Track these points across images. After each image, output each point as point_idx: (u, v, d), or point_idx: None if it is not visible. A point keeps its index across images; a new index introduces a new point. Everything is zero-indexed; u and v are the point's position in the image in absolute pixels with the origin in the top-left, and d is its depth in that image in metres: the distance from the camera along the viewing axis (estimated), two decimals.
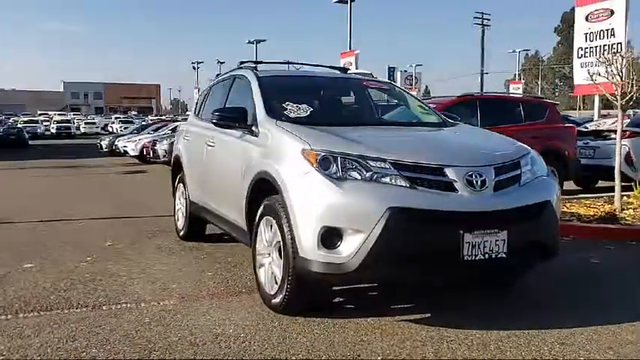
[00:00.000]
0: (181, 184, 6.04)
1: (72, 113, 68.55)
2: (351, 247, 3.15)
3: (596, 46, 12.31)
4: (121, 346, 3.14)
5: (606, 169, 9.76)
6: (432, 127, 4.57)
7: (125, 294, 4.14)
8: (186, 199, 5.81)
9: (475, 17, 51.00)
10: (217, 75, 6.16)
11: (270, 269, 3.72)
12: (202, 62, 70.60)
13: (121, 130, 35.85)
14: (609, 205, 7.30)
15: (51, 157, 21.77)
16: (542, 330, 3.33)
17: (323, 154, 3.37)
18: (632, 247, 5.70)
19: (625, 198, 7.43)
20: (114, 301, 3.98)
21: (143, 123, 33.67)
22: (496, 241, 3.26)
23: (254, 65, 5.06)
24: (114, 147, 22.13)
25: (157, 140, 17.21)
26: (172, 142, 15.09)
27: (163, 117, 50.72)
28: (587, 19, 12.46)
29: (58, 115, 59.08)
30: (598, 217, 6.79)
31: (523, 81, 54.66)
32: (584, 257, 5.13)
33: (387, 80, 5.55)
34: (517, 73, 75.90)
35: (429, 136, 4.31)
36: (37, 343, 3.17)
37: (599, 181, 10.39)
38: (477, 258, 3.22)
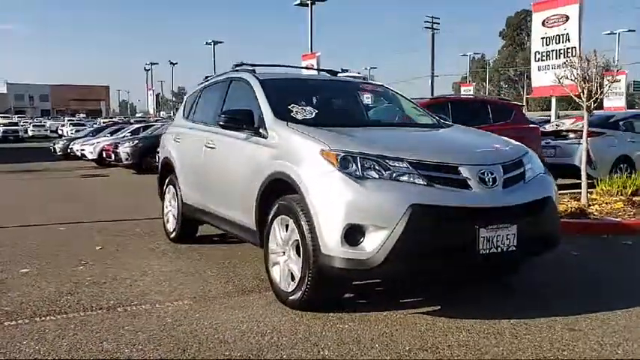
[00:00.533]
0: (172, 187, 6.04)
1: (16, 116, 66.09)
2: (374, 243, 3.29)
3: (552, 50, 12.86)
4: (151, 345, 3.18)
5: (567, 167, 10.31)
6: (431, 127, 4.77)
7: (135, 295, 4.16)
8: (178, 201, 5.82)
9: (425, 21, 52.12)
10: (206, 78, 6.18)
11: (287, 267, 3.82)
12: (157, 64, 69.16)
13: (72, 134, 34.88)
14: (576, 202, 7.69)
15: (2, 161, 21.01)
16: (550, 318, 3.55)
17: (343, 154, 3.50)
18: (607, 240, 6.06)
19: (588, 195, 7.84)
20: (126, 302, 3.99)
21: (96, 125, 32.90)
22: (507, 235, 3.47)
23: (252, 68, 5.13)
24: (69, 150, 21.55)
25: (118, 143, 16.82)
26: (135, 145, 15.05)
27: (115, 119, 49.58)
28: (543, 24, 12.99)
29: (1, 117, 56.96)
30: (569, 213, 7.15)
31: (473, 84, 56.09)
32: (566, 250, 5.43)
33: (379, 83, 5.69)
34: (467, 75, 77.91)
35: (437, 136, 4.51)
36: (66, 346, 3.18)
37: (558, 179, 10.88)
38: (490, 251, 3.42)
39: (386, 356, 3.00)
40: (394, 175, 3.41)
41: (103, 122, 39.55)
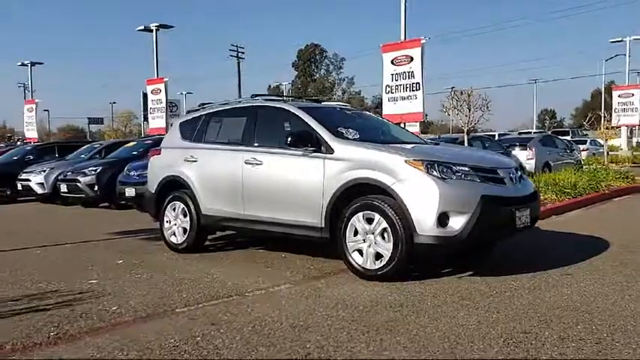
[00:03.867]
0: (179, 202, 6.65)
1: None
2: (459, 224, 4.71)
3: (400, 85, 15.39)
4: (303, 316, 4.15)
5: None
6: (431, 143, 6.33)
7: (233, 288, 4.92)
8: (192, 214, 6.48)
9: (231, 49, 54.13)
10: (202, 105, 6.95)
11: (373, 250, 5.00)
12: None
13: None
14: None
15: None
16: (545, 271, 5.25)
17: (427, 162, 4.86)
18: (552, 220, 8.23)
19: None
20: (236, 292, 4.76)
21: None
22: (525, 215, 5.17)
23: (279, 98, 6.19)
24: None
25: (78, 170, 12.94)
26: (100, 173, 12.35)
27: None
28: (392, 62, 15.49)
29: None
30: None
31: None
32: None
33: (361, 110, 7.09)
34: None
35: (463, 149, 6.06)
36: (219, 339, 3.84)
37: None
38: (520, 225, 5.08)
39: (451, 302, 4.35)
40: (462, 176, 4.89)
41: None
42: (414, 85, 15.07)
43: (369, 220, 5.05)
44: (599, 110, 25.04)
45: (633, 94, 26.56)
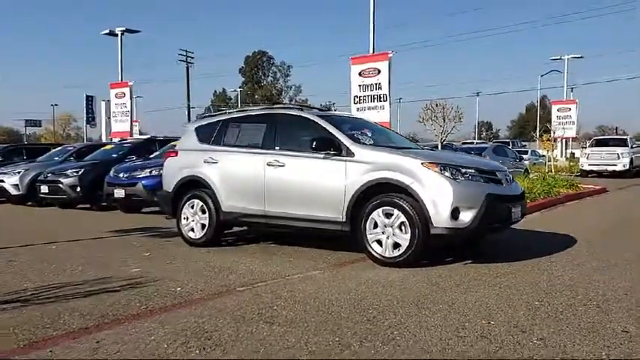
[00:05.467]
0: (197, 200, 7.22)
1: None
2: (468, 217, 5.56)
3: (367, 95, 16.31)
4: (352, 292, 4.89)
5: None
6: (433, 149, 7.17)
7: (268, 274, 5.57)
8: (211, 211, 7.07)
9: (180, 54, 54.02)
10: (219, 110, 7.55)
11: (392, 241, 5.77)
12: None
13: None
14: None
15: None
16: (532, 259, 6.17)
17: (441, 164, 5.68)
18: None
19: None
20: (270, 278, 5.40)
21: None
22: (518, 210, 6.10)
23: (301, 106, 6.91)
24: None
25: (59, 172, 13.17)
26: (83, 175, 12.61)
27: None
28: (360, 74, 16.40)
29: None
30: None
31: None
32: None
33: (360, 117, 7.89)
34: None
35: (464, 155, 6.91)
36: (294, 306, 4.66)
37: None
38: (514, 219, 6.00)
39: (467, 281, 5.21)
40: (470, 177, 5.74)
41: None
42: (382, 96, 16.05)
43: (388, 215, 5.82)
44: (533, 122, 27.15)
45: (570, 109, 28.69)
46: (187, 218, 7.36)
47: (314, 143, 6.23)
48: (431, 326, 3.82)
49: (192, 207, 7.31)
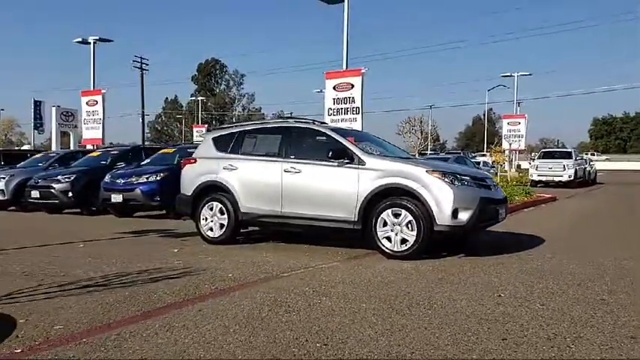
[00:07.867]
0: (217, 203, 8.05)
1: None
2: (465, 216, 6.63)
3: (341, 108, 17.39)
4: (377, 277, 5.86)
5: None
6: (432, 159, 8.24)
7: (288, 267, 6.42)
8: (230, 213, 7.91)
9: (134, 61, 53.78)
10: (235, 122, 8.36)
11: (400, 237, 6.77)
12: None
13: None
14: None
15: None
16: (514, 253, 7.30)
17: (442, 172, 6.74)
18: None
19: None
20: (299, 268, 6.30)
21: None
22: (503, 211, 7.23)
23: (313, 120, 7.85)
24: None
25: (50, 177, 13.57)
26: (75, 181, 13.03)
27: None
28: (334, 88, 17.47)
29: None
30: None
31: (206, 125, 58.43)
32: None
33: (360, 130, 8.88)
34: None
35: (454, 164, 7.98)
36: (335, 288, 5.60)
37: None
38: (501, 218, 7.12)
39: (469, 269, 6.27)
40: (465, 183, 6.83)
41: None
42: (355, 109, 17.14)
43: (397, 215, 6.82)
44: (480, 135, 29.26)
45: (520, 123, 30.64)
46: (206, 219, 8.17)
47: (330, 153, 7.19)
48: (455, 298, 4.83)
49: (212, 209, 8.13)
